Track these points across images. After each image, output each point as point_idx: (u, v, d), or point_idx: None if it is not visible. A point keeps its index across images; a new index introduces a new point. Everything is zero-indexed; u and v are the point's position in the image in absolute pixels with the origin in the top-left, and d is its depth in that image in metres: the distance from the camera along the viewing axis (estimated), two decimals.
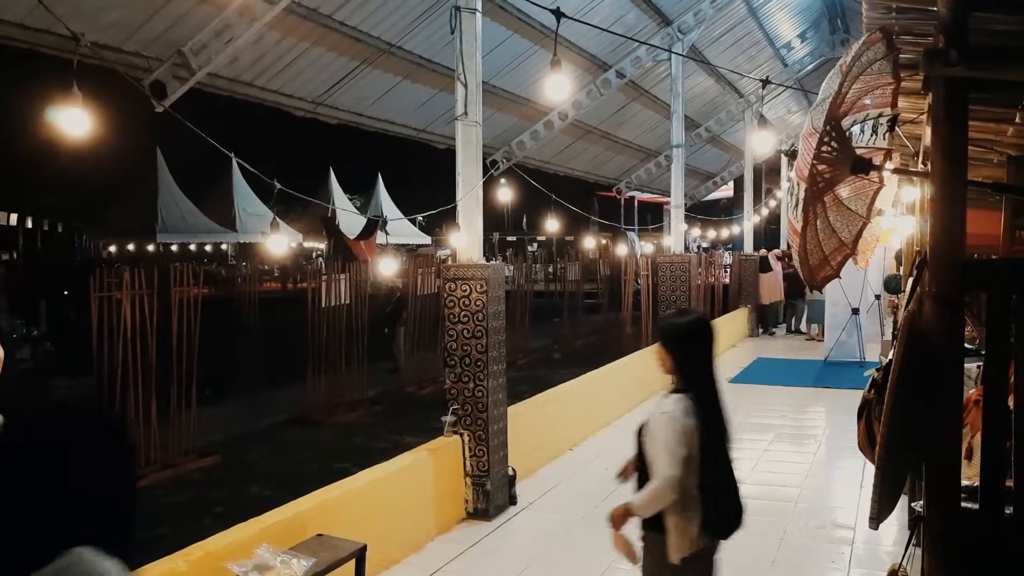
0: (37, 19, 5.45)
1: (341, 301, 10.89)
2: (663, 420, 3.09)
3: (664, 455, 3.07)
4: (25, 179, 31.35)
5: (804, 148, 2.22)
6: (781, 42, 15.86)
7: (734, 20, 13.46)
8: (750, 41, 14.78)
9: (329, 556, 4.12)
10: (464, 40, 5.99)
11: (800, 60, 16.92)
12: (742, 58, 15.12)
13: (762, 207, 21.11)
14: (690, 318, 3.32)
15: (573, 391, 8.64)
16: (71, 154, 19.12)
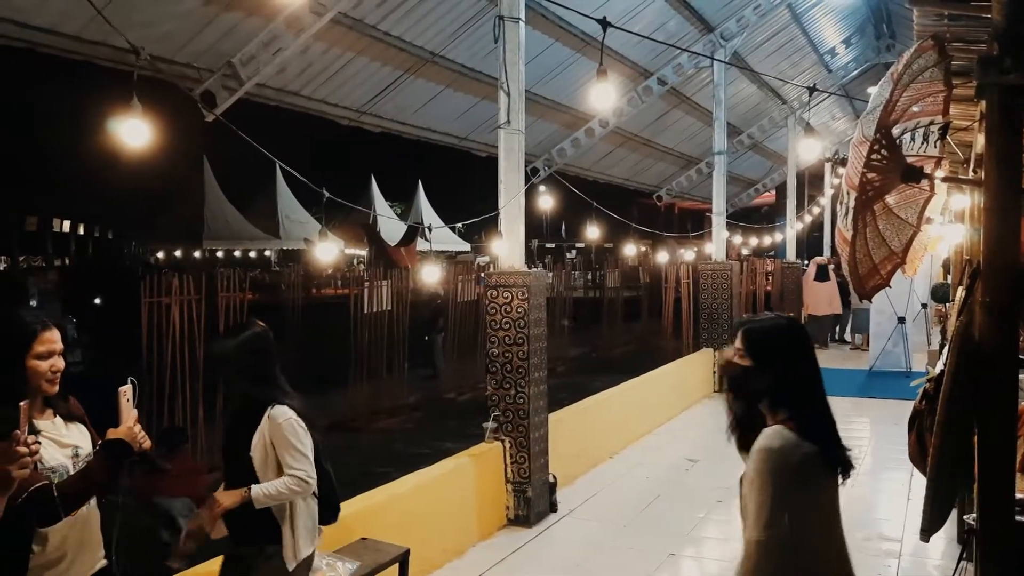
0: (93, 32, 5.61)
1: (383, 307, 11.01)
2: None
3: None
4: (78, 187, 32.20)
5: (854, 156, 2.21)
6: (825, 48, 15.67)
7: (777, 26, 13.34)
8: (793, 47, 14.63)
9: (373, 559, 4.18)
10: (507, 49, 6.03)
11: (844, 66, 16.70)
12: (785, 64, 14.97)
13: (805, 214, 20.84)
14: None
15: (613, 399, 8.63)
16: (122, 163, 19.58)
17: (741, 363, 2.29)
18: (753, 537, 2.09)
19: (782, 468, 2.10)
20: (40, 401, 2.66)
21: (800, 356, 2.27)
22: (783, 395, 2.22)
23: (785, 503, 2.08)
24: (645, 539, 5.99)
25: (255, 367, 3.34)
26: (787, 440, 2.12)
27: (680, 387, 10.59)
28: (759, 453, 2.14)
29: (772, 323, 2.33)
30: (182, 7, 5.86)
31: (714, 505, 6.76)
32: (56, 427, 2.70)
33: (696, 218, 29.01)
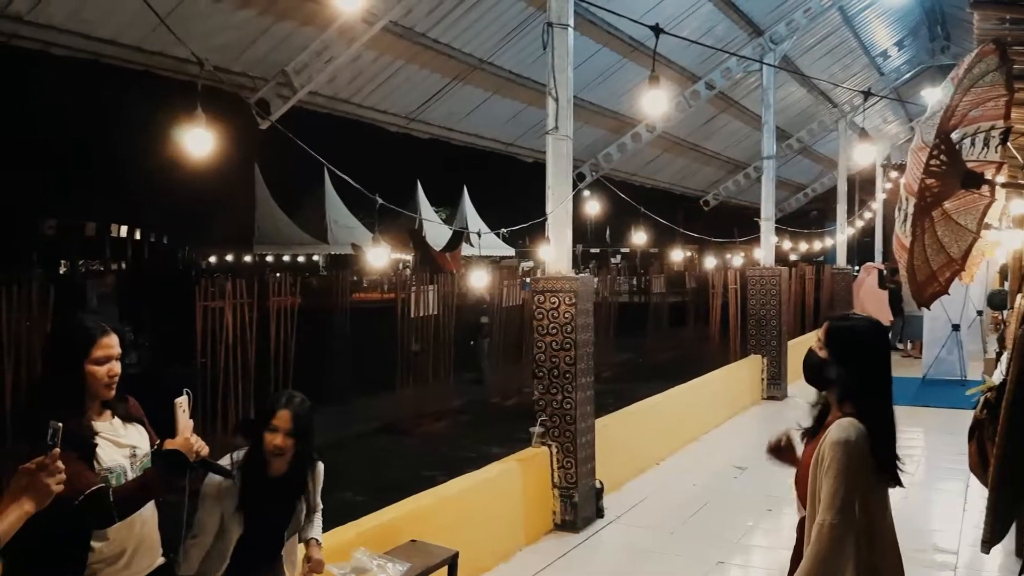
0: (153, 42, 5.78)
1: (429, 312, 11.10)
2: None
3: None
4: (135, 194, 33.03)
5: (913, 162, 2.19)
6: (877, 50, 15.41)
7: (828, 29, 13.16)
8: (844, 50, 14.42)
9: (423, 562, 4.21)
10: (556, 55, 6.05)
11: (897, 68, 16.40)
12: (836, 67, 14.76)
13: (856, 219, 20.49)
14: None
15: (660, 405, 8.58)
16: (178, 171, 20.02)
17: (819, 353, 2.52)
18: (827, 520, 2.28)
19: (856, 458, 2.31)
20: (98, 403, 2.73)
21: (875, 357, 2.50)
22: (852, 390, 2.44)
23: (857, 490, 2.29)
24: (693, 547, 5.95)
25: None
26: (860, 432, 2.35)
27: (727, 394, 10.48)
28: (837, 444, 2.33)
29: (855, 321, 2.58)
30: (238, 18, 6.00)
31: (763, 514, 6.69)
32: (114, 428, 2.76)
33: (743, 223, 28.67)
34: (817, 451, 2.38)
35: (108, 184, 32.74)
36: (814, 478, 2.38)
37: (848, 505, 2.28)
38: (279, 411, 3.13)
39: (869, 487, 2.34)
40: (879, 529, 2.37)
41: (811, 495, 2.39)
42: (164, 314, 13.42)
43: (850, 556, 2.27)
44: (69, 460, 2.52)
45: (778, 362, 11.65)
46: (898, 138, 21.32)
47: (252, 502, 3.11)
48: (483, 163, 25.83)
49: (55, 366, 2.77)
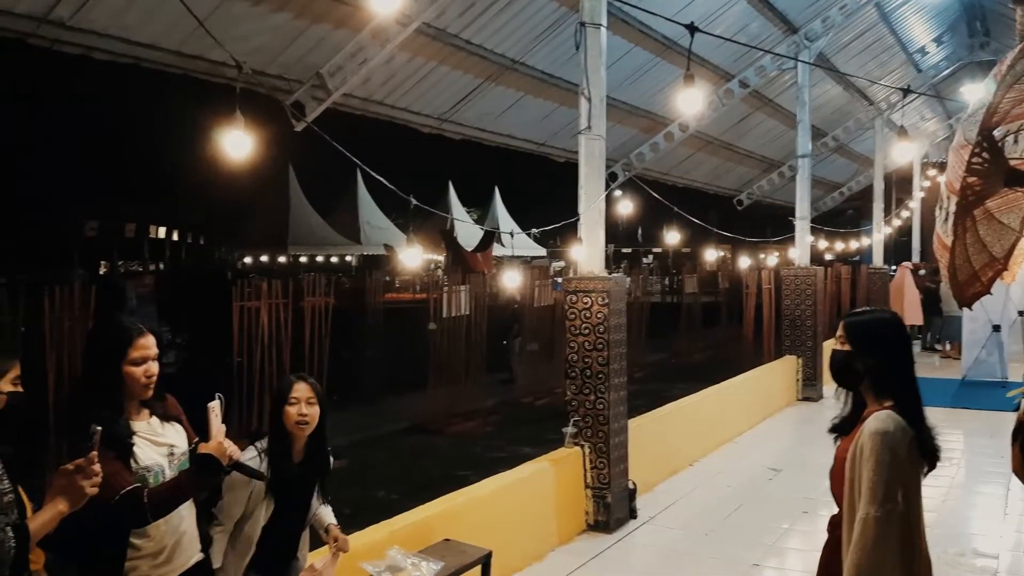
0: (191, 46, 5.88)
1: (461, 312, 11.14)
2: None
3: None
4: (173, 195, 33.58)
5: (955, 160, 2.15)
6: (915, 47, 15.17)
7: (864, 26, 12.99)
8: (881, 47, 14.22)
9: (456, 561, 4.23)
10: (589, 55, 6.04)
11: (935, 65, 16.13)
12: (872, 64, 14.56)
13: (893, 218, 20.19)
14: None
15: (693, 406, 8.53)
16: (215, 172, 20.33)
17: (841, 348, 2.55)
18: (871, 513, 2.26)
19: (896, 449, 2.31)
20: (136, 403, 2.78)
21: (899, 346, 2.55)
22: (887, 382, 2.46)
23: (899, 481, 2.28)
24: (727, 549, 5.91)
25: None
26: (899, 424, 2.35)
27: (762, 395, 10.39)
28: (876, 435, 2.33)
29: (872, 314, 2.63)
30: (274, 21, 6.07)
31: (799, 516, 6.62)
32: (152, 427, 2.81)
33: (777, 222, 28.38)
34: (854, 445, 2.36)
35: (147, 186, 33.33)
36: (852, 472, 2.36)
37: (891, 496, 2.26)
38: (295, 385, 3.30)
39: (908, 478, 2.33)
40: (916, 519, 2.37)
41: (849, 490, 2.37)
42: (201, 314, 13.61)
43: (895, 547, 2.25)
44: (106, 459, 2.57)
45: (813, 363, 11.52)
46: (936, 136, 20.99)
47: (279, 485, 3.20)
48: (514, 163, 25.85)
49: (94, 367, 2.82)
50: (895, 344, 2.53)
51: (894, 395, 2.44)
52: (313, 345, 8.38)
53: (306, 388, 3.31)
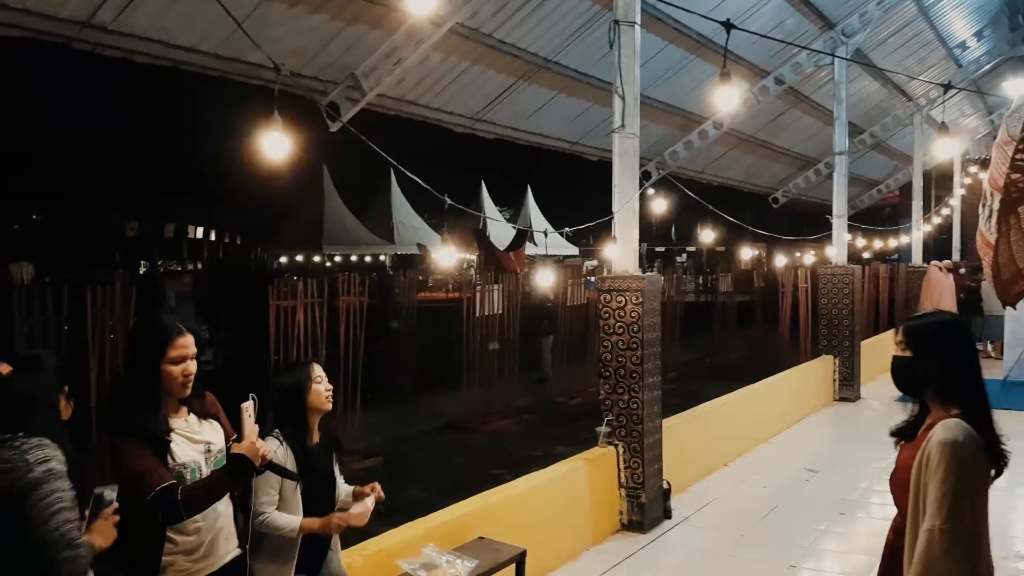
0: (229, 48, 5.96)
1: (494, 311, 11.16)
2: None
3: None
4: (211, 196, 34.05)
5: (998, 157, 2.11)
6: (955, 42, 14.89)
7: (903, 20, 12.78)
8: (920, 42, 13.97)
9: (491, 559, 4.24)
10: (622, 53, 6.02)
11: (976, 60, 15.82)
12: (911, 60, 14.31)
13: (932, 216, 19.85)
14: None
15: (729, 406, 8.46)
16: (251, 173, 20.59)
17: (902, 355, 2.47)
18: (937, 524, 2.19)
19: (966, 459, 2.22)
20: (175, 401, 2.83)
21: (963, 350, 2.45)
22: (953, 388, 2.38)
23: (968, 493, 2.21)
24: (763, 550, 5.86)
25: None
26: (968, 433, 2.26)
27: (798, 395, 10.28)
28: (944, 446, 2.23)
29: (932, 318, 2.54)
30: (310, 23, 6.13)
31: (836, 518, 6.54)
32: (189, 425, 2.86)
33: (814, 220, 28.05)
34: (921, 453, 2.29)
35: (185, 187, 33.86)
36: (917, 481, 2.29)
37: (958, 508, 2.19)
38: (312, 366, 3.42)
39: (976, 489, 2.26)
40: (982, 531, 2.30)
41: (914, 499, 2.30)
42: (238, 313, 13.79)
43: (961, 560, 2.19)
44: (144, 456, 2.63)
45: (851, 363, 11.37)
46: (977, 132, 20.59)
47: (307, 470, 3.24)
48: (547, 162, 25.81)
49: (134, 365, 2.88)
50: (959, 348, 2.45)
51: (961, 401, 2.36)
52: (348, 343, 8.46)
53: (320, 368, 3.45)
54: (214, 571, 2.83)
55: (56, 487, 2.32)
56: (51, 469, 2.33)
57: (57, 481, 2.33)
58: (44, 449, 2.35)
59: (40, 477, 2.30)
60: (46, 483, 2.30)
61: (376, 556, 4.08)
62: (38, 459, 2.33)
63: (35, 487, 2.28)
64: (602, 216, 6.49)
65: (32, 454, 2.33)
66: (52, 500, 2.30)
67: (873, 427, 9.86)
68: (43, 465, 2.32)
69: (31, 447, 2.34)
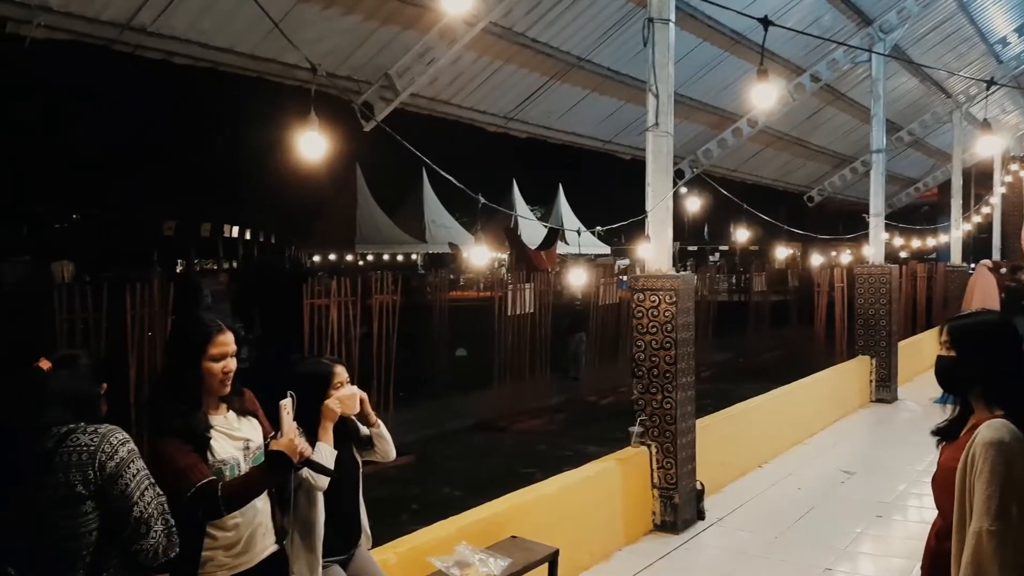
0: (265, 49, 6.02)
1: (526, 310, 11.15)
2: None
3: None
4: (246, 195, 34.52)
5: None
6: (995, 37, 14.58)
7: (942, 16, 12.55)
8: (959, 38, 13.71)
9: (523, 558, 4.24)
10: (656, 51, 5.98)
11: (1017, 56, 15.48)
12: (950, 56, 14.06)
13: (972, 214, 19.47)
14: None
15: (763, 406, 8.38)
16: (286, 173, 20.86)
17: (946, 354, 2.45)
18: (983, 527, 2.15)
19: (1012, 459, 2.17)
20: (214, 398, 2.87)
21: (1009, 350, 2.40)
22: (998, 389, 2.34)
23: (1014, 493, 2.15)
24: (798, 552, 5.79)
25: None
26: (1014, 433, 2.21)
27: (834, 396, 10.15)
28: (990, 446, 2.19)
29: (978, 318, 2.52)
30: (345, 23, 6.17)
31: (873, 520, 6.45)
32: (228, 421, 2.90)
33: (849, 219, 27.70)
34: (966, 455, 2.24)
35: (222, 186, 34.34)
36: (962, 483, 2.24)
37: (1005, 510, 2.14)
38: (336, 367, 3.40)
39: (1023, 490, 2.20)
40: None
41: (959, 502, 2.25)
42: (272, 311, 13.93)
43: (1010, 561, 2.13)
44: (185, 453, 2.67)
45: (888, 363, 11.20)
46: (1018, 129, 20.17)
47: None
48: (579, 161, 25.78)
49: (175, 362, 2.93)
50: (1004, 348, 2.40)
51: (1006, 402, 2.32)
52: (381, 342, 8.51)
53: (343, 370, 3.43)
54: (252, 566, 2.87)
55: (141, 465, 2.45)
56: (133, 449, 2.46)
57: (139, 460, 2.46)
58: (121, 432, 2.48)
59: (127, 456, 2.42)
60: (132, 462, 2.43)
61: (409, 553, 4.11)
62: (120, 440, 2.44)
63: (127, 465, 2.41)
64: (635, 215, 6.46)
65: (114, 436, 2.44)
66: (142, 477, 2.43)
67: (910, 429, 9.73)
68: (126, 446, 2.44)
69: (109, 430, 2.45)
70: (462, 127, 8.94)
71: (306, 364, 3.57)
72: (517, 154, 30.64)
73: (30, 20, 4.75)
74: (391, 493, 7.47)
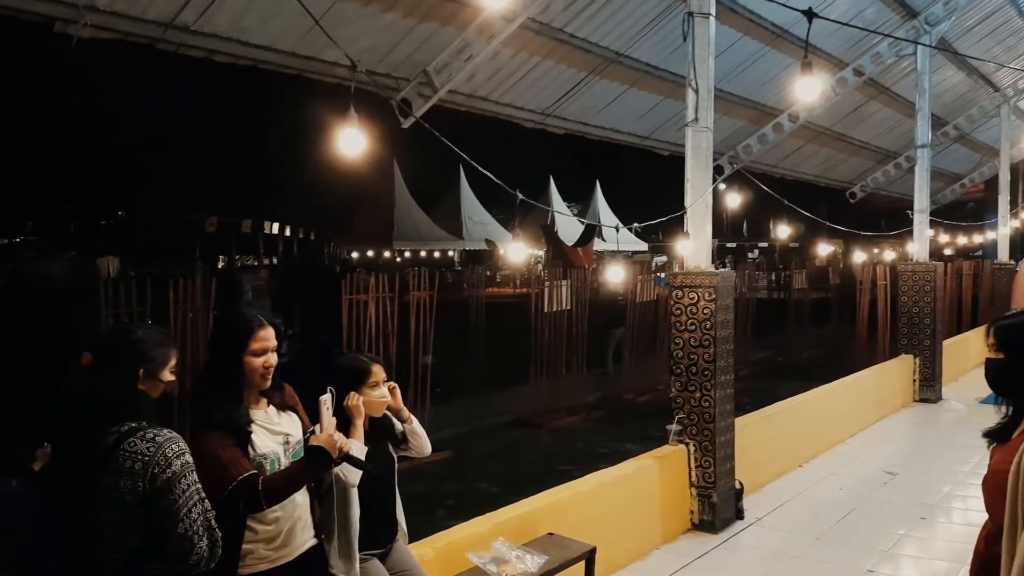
0: (305, 47, 6.07)
1: (562, 307, 11.13)
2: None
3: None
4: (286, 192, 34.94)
5: None
6: None
7: (990, 8, 12.25)
8: (1008, 30, 13.37)
9: (560, 555, 4.23)
10: (696, 46, 5.92)
11: None
12: (998, 49, 13.71)
13: (1020, 211, 19.02)
14: None
15: (803, 405, 8.26)
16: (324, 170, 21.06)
17: (994, 357, 2.41)
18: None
19: None
20: (255, 392, 2.89)
21: None
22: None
23: None
24: (839, 553, 5.70)
25: None
26: None
27: (876, 395, 9.97)
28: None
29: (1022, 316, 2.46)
30: (383, 20, 6.20)
31: (916, 522, 6.33)
32: (269, 416, 2.91)
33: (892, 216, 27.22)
34: (1020, 457, 2.17)
35: (262, 183, 34.80)
36: (1014, 487, 2.17)
37: None
38: (374, 366, 3.37)
39: None
40: None
41: (1011, 505, 2.19)
42: (311, 307, 14.07)
43: None
44: (226, 447, 2.69)
45: (932, 363, 10.98)
46: None
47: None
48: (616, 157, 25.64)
49: (217, 357, 2.95)
50: None
51: None
52: (418, 338, 8.55)
53: (381, 369, 3.41)
54: (292, 560, 2.89)
55: (193, 479, 2.41)
56: (188, 462, 2.41)
57: (193, 474, 2.42)
58: (179, 442, 2.42)
59: (179, 471, 2.38)
60: (184, 477, 2.38)
61: (446, 548, 4.12)
62: (176, 452, 2.40)
63: (177, 481, 2.37)
64: (673, 211, 6.41)
65: (170, 448, 2.39)
66: (191, 493, 2.39)
67: (955, 429, 9.53)
68: (180, 459, 2.40)
69: (166, 439, 2.40)
70: (499, 123, 8.94)
71: (345, 360, 3.56)
72: (554, 150, 30.58)
73: (77, 20, 4.83)
74: (427, 489, 7.51)
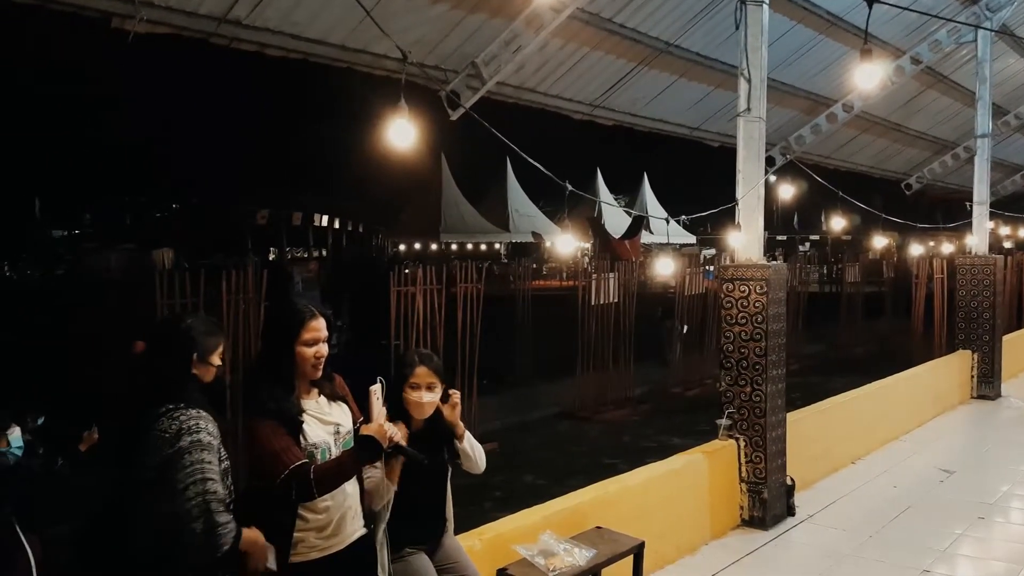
0: (355, 40, 6.10)
1: (610, 300, 11.08)
2: None
3: None
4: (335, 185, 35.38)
5: None
6: None
7: None
8: None
9: (609, 549, 4.21)
10: (749, 34, 5.82)
11: None
12: None
13: None
14: None
15: (857, 400, 8.10)
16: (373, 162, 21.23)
17: None
18: None
19: None
20: (307, 382, 2.92)
21: None
22: None
23: None
24: (894, 553, 5.58)
25: None
26: None
27: (932, 391, 9.74)
28: None
29: None
30: (433, 12, 6.20)
31: (974, 522, 6.16)
32: (319, 406, 2.95)
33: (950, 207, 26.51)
34: None
35: (312, 176, 35.27)
36: None
37: None
38: (418, 368, 3.28)
39: None
40: None
41: None
42: (360, 298, 14.21)
43: None
44: (279, 435, 2.73)
45: (990, 359, 10.68)
46: None
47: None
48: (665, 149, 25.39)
49: (269, 347, 3.00)
50: None
51: None
52: (465, 330, 8.59)
53: (427, 373, 3.28)
54: (342, 548, 2.92)
55: (200, 458, 2.43)
56: (198, 440, 2.44)
57: (202, 452, 2.44)
58: (198, 420, 2.46)
59: (186, 446, 2.41)
60: (190, 453, 2.42)
61: (494, 540, 4.13)
62: (188, 428, 2.44)
63: (181, 455, 2.40)
64: (722, 203, 6.32)
65: (185, 425, 2.44)
66: (193, 470, 2.42)
67: (1015, 427, 9.27)
68: (191, 435, 2.43)
69: (188, 417, 2.46)
70: (548, 115, 8.86)
71: (396, 354, 3.57)
72: (600, 142, 30.41)
73: (133, 15, 4.92)
74: (474, 480, 7.47)
